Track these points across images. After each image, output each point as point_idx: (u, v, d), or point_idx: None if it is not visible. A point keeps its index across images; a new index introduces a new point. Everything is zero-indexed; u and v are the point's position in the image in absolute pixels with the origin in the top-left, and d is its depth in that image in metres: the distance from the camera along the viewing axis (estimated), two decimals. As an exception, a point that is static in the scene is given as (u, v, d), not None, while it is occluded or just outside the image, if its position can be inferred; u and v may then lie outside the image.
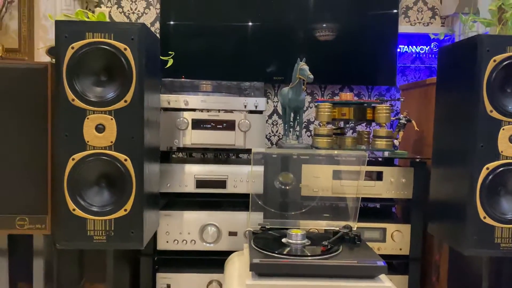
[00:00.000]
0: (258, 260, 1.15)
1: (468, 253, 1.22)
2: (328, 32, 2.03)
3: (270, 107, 2.13)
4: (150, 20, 2.08)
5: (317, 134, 1.61)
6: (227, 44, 2.04)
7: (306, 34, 2.04)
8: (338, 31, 2.03)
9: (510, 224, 1.20)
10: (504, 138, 1.19)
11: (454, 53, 1.33)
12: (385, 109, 1.57)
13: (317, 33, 2.03)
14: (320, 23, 2.03)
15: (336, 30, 2.03)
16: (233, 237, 1.56)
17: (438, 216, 1.40)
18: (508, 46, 1.18)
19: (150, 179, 1.28)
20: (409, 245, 1.57)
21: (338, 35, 2.03)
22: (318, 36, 2.03)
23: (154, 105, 1.35)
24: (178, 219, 1.53)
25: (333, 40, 2.03)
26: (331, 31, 2.03)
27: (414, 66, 2.11)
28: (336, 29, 2.03)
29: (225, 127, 1.56)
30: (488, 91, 1.18)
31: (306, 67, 1.56)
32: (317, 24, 2.03)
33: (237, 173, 1.56)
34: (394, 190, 1.57)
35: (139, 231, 1.19)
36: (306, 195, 1.57)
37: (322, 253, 1.20)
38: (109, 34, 1.15)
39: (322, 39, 2.03)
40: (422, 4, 2.10)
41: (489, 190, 1.20)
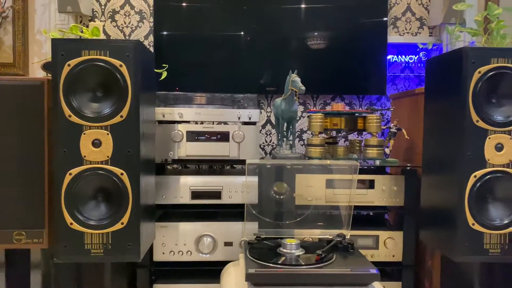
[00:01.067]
0: (254, 270, 1.17)
1: (459, 260, 1.25)
2: (319, 42, 2.07)
3: (264, 117, 2.16)
4: (144, 34, 2.11)
5: (310, 144, 1.64)
6: (220, 56, 2.07)
7: (298, 45, 2.08)
8: (329, 42, 2.07)
9: (498, 231, 1.23)
10: (491, 147, 1.23)
11: (440, 65, 1.37)
12: (375, 119, 1.61)
13: (309, 43, 2.07)
14: (311, 34, 2.07)
15: (327, 40, 2.07)
16: (229, 247, 1.58)
17: (429, 224, 1.43)
18: (492, 58, 1.22)
19: (146, 192, 1.30)
20: (402, 252, 1.60)
21: (329, 45, 2.07)
22: (310, 47, 2.07)
23: (150, 119, 1.37)
24: (174, 230, 1.55)
25: (324, 50, 2.07)
26: (322, 42, 2.07)
27: (404, 75, 2.15)
28: (327, 39, 2.07)
29: (220, 139, 1.58)
30: (474, 101, 1.22)
31: (298, 79, 1.60)
32: (308, 35, 2.07)
33: (232, 184, 1.58)
34: (386, 198, 1.60)
35: (136, 244, 1.20)
36: (300, 204, 1.60)
37: (316, 262, 1.23)
38: (104, 51, 1.17)
39: (314, 49, 2.07)
40: (410, 15, 2.15)
41: (477, 198, 1.23)
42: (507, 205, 1.25)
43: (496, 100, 1.25)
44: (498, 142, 1.23)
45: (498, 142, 1.23)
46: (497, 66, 1.22)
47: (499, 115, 1.24)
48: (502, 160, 1.23)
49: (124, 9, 2.10)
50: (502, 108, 1.24)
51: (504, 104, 1.25)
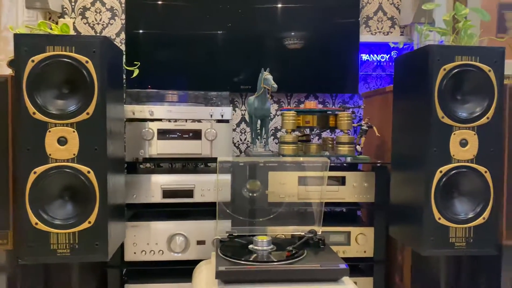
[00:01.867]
0: (224, 268, 1.17)
1: (425, 253, 1.27)
2: (293, 42, 2.08)
3: (238, 115, 2.15)
4: (115, 31, 2.08)
5: (283, 142, 1.65)
6: (194, 54, 2.05)
7: (273, 44, 2.08)
8: (303, 41, 2.08)
9: (463, 224, 1.26)
10: (455, 143, 1.26)
11: (408, 63, 1.40)
12: (346, 116, 1.63)
13: (283, 43, 2.08)
14: (286, 33, 2.08)
15: (301, 40, 2.08)
16: (202, 246, 1.57)
17: (398, 219, 1.46)
18: (457, 56, 1.25)
19: (114, 190, 1.28)
20: (373, 248, 1.62)
21: (303, 45, 2.08)
22: (284, 46, 2.08)
23: (118, 116, 1.35)
24: (145, 229, 1.53)
25: (298, 49, 2.08)
26: (296, 41, 2.08)
27: (376, 74, 2.18)
28: (301, 39, 2.08)
29: (192, 137, 1.57)
30: (440, 98, 1.24)
31: (270, 77, 1.60)
32: (283, 34, 2.08)
33: (204, 182, 1.57)
34: (357, 194, 1.62)
35: (104, 243, 1.18)
36: (273, 202, 1.60)
37: (286, 258, 1.23)
38: (70, 47, 1.15)
39: (287, 48, 2.08)
40: (382, 14, 2.18)
41: (443, 193, 1.26)
42: (472, 199, 1.28)
43: (461, 97, 1.28)
44: (462, 138, 1.26)
45: (463, 138, 1.26)
46: (461, 64, 1.25)
47: (463, 111, 1.27)
48: (467, 156, 1.26)
49: (95, 6, 2.06)
50: (467, 105, 1.28)
51: (468, 100, 1.28)
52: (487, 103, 1.26)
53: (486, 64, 1.25)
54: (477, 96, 1.27)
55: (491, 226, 1.28)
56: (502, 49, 1.27)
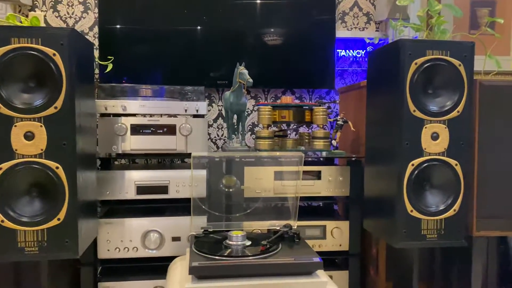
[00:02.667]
0: (197, 263, 1.16)
1: (398, 245, 1.29)
2: (270, 37, 2.08)
3: (215, 111, 2.14)
4: (89, 25, 2.03)
5: (259, 137, 1.64)
6: (170, 49, 2.03)
7: (249, 39, 2.07)
8: (280, 37, 2.08)
9: (435, 217, 1.28)
10: (427, 136, 1.28)
11: (380, 57, 1.41)
12: (322, 111, 1.63)
13: (260, 38, 2.07)
14: (263, 28, 2.07)
15: (278, 35, 2.08)
16: (177, 242, 1.55)
17: (372, 212, 1.47)
18: (428, 50, 1.27)
19: (85, 186, 1.26)
20: (348, 241, 1.63)
21: (280, 40, 2.08)
22: (261, 41, 2.07)
23: (88, 111, 1.32)
24: (119, 226, 1.51)
25: (275, 45, 2.08)
26: (273, 37, 2.08)
27: (352, 70, 2.19)
28: (278, 34, 2.08)
29: (166, 132, 1.55)
30: (411, 92, 1.26)
31: (245, 71, 1.59)
32: (260, 30, 2.07)
33: (179, 178, 1.55)
34: (333, 188, 1.63)
35: (74, 240, 1.16)
36: (249, 197, 1.60)
37: (261, 253, 1.23)
38: (36, 39, 1.11)
39: (264, 44, 2.07)
40: (358, 10, 2.20)
41: (415, 185, 1.28)
42: (443, 192, 1.30)
43: (432, 91, 1.30)
44: (434, 131, 1.28)
45: (434, 131, 1.28)
46: (432, 58, 1.26)
47: (434, 105, 1.28)
48: (438, 149, 1.28)
49: (67, -1, 2.01)
50: (438, 99, 1.29)
51: (439, 94, 1.30)
52: (457, 97, 1.28)
53: (456, 59, 1.27)
54: (448, 90, 1.29)
55: (461, 218, 1.30)
56: (472, 44, 1.29)
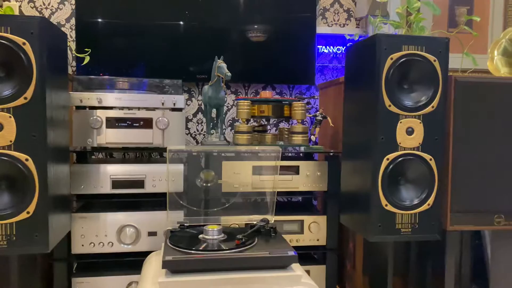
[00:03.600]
0: (171, 257, 1.14)
1: (373, 239, 1.30)
2: (251, 32, 2.07)
3: (195, 105, 2.12)
4: (65, 16, 1.99)
5: (237, 131, 1.64)
6: (150, 42, 2.00)
7: (230, 34, 2.06)
8: (261, 32, 2.07)
9: (409, 211, 1.30)
10: (402, 131, 1.28)
11: (357, 52, 1.41)
12: (300, 106, 1.63)
13: (241, 33, 2.06)
14: (244, 23, 2.06)
15: (259, 31, 2.07)
16: (153, 237, 1.53)
17: (348, 207, 1.48)
18: (404, 45, 1.28)
19: (57, 180, 1.23)
20: (325, 236, 1.64)
21: (260, 35, 2.07)
22: (242, 37, 2.06)
23: (61, 103, 1.29)
24: (94, 221, 1.48)
25: (256, 40, 2.07)
26: (254, 32, 2.07)
27: (332, 66, 2.20)
28: (259, 30, 2.07)
29: (142, 125, 1.53)
30: (387, 87, 1.26)
31: (224, 65, 1.58)
32: (241, 25, 2.06)
33: (155, 172, 1.54)
34: (311, 183, 1.63)
35: (44, 234, 1.13)
36: (227, 192, 1.59)
37: (236, 246, 1.22)
38: (5, 27, 1.08)
39: (245, 39, 2.06)
40: (338, 6, 2.20)
41: (390, 180, 1.29)
42: (417, 186, 1.31)
43: (408, 86, 1.31)
44: (409, 126, 1.29)
45: (409, 126, 1.29)
46: (408, 53, 1.27)
47: (409, 100, 1.29)
48: (413, 144, 1.29)
49: (43, -11, 1.97)
50: (413, 94, 1.30)
51: (414, 89, 1.31)
52: (432, 92, 1.29)
53: (432, 54, 1.28)
54: (423, 85, 1.30)
55: (435, 212, 1.31)
56: (447, 40, 1.30)
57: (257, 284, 1.15)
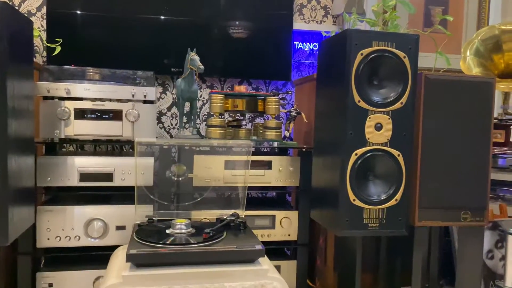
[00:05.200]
0: (135, 250, 1.13)
1: (341, 234, 1.30)
2: (228, 27, 2.05)
3: (169, 99, 2.10)
4: (36, 5, 1.94)
5: (210, 125, 1.62)
6: (124, 34, 1.97)
7: (207, 28, 2.04)
8: (238, 27, 2.06)
9: (376, 206, 1.30)
10: (371, 126, 1.29)
11: (329, 47, 1.41)
12: (274, 101, 1.63)
13: (217, 27, 2.04)
14: (221, 18, 2.04)
15: (235, 25, 2.06)
16: (121, 231, 1.51)
17: (318, 202, 1.48)
18: (374, 41, 1.28)
19: (19, 171, 1.20)
20: (297, 231, 1.64)
21: (237, 30, 2.06)
22: (218, 31, 2.04)
23: (25, 93, 1.25)
24: (60, 214, 1.45)
25: (232, 35, 2.06)
26: (231, 27, 2.06)
27: (308, 62, 2.20)
28: (235, 25, 2.05)
29: (112, 117, 1.50)
30: (356, 82, 1.27)
31: (196, 57, 1.57)
32: (218, 20, 2.04)
33: (124, 166, 1.51)
34: (283, 178, 1.63)
35: (3, 226, 1.10)
36: (198, 186, 1.58)
37: (203, 240, 1.21)
38: (-36, 12, 1.05)
39: (222, 33, 2.05)
40: (315, 3, 2.20)
41: (358, 175, 1.29)
42: (385, 181, 1.32)
43: (377, 82, 1.31)
44: (377, 122, 1.29)
45: (378, 122, 1.29)
46: (378, 49, 1.28)
47: (379, 96, 1.30)
48: (381, 139, 1.30)
49: (14, -24, 1.91)
50: (382, 90, 1.31)
51: (384, 86, 1.31)
52: (401, 88, 1.30)
53: (401, 51, 1.29)
54: (393, 82, 1.30)
55: (402, 207, 1.32)
56: (416, 36, 1.31)
57: (223, 278, 1.14)
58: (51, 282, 1.46)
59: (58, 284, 1.46)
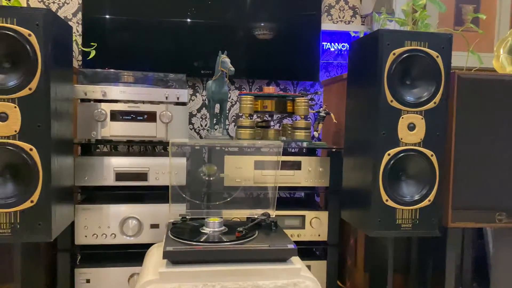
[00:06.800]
0: (172, 248, 1.16)
1: (373, 234, 1.30)
2: (256, 29, 2.07)
3: (199, 101, 2.13)
4: (72, 11, 2.01)
5: (240, 126, 1.64)
6: (155, 38, 2.01)
7: (235, 31, 2.07)
8: (266, 29, 2.07)
9: (409, 206, 1.30)
10: (404, 126, 1.29)
11: (360, 48, 1.42)
12: (303, 102, 1.64)
13: (246, 29, 2.06)
14: (249, 20, 2.06)
15: (264, 27, 2.08)
16: (155, 229, 1.55)
17: (349, 202, 1.48)
18: (406, 41, 1.28)
19: (60, 170, 1.25)
20: (327, 231, 1.64)
21: (265, 32, 2.08)
22: (247, 33, 2.06)
23: (65, 95, 1.31)
24: (97, 213, 1.50)
25: (261, 36, 2.08)
26: (259, 28, 2.08)
27: (337, 63, 2.20)
28: (264, 26, 2.07)
29: (146, 119, 1.54)
30: (389, 82, 1.26)
31: (227, 60, 1.59)
32: (246, 21, 2.06)
33: (158, 165, 1.55)
34: (312, 178, 1.63)
35: (47, 223, 1.15)
36: (229, 186, 1.60)
37: (236, 239, 1.23)
38: (11, 19, 1.10)
39: (250, 35, 2.07)
40: (344, 3, 2.20)
41: (391, 175, 1.29)
42: (418, 182, 1.31)
43: (410, 82, 1.31)
44: (410, 122, 1.29)
45: (411, 122, 1.29)
46: (410, 49, 1.27)
47: (411, 96, 1.29)
48: (414, 139, 1.29)
49: (51, -16, 1.99)
50: (415, 90, 1.30)
51: (416, 85, 1.31)
52: (434, 88, 1.29)
53: (434, 50, 1.28)
54: (425, 81, 1.30)
55: (436, 208, 1.31)
56: (450, 36, 1.30)
57: (256, 276, 1.16)
58: (89, 278, 1.51)
59: (95, 280, 1.51)
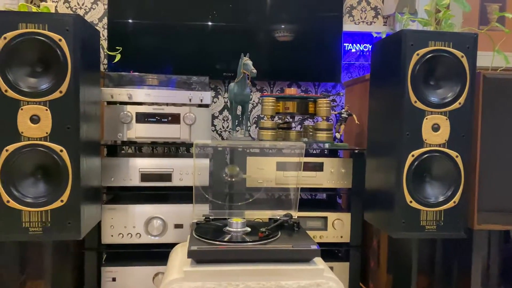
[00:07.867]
0: (196, 247, 1.18)
1: (397, 236, 1.29)
2: (277, 30, 2.09)
3: (221, 103, 2.16)
4: (98, 16, 2.07)
5: (262, 127, 1.66)
6: (178, 41, 2.05)
7: (256, 33, 2.09)
8: (287, 30, 2.09)
9: (434, 208, 1.28)
10: (428, 127, 1.27)
11: (383, 48, 1.41)
12: (325, 103, 1.64)
13: (267, 31, 2.08)
14: (270, 22, 2.08)
15: (285, 29, 2.09)
16: (179, 229, 1.58)
17: (372, 204, 1.47)
18: (430, 41, 1.27)
19: (88, 171, 1.29)
20: (349, 233, 1.64)
21: (286, 33, 2.09)
22: (268, 34, 2.08)
23: (93, 98, 1.35)
24: (122, 212, 1.54)
25: (282, 38, 2.09)
26: (280, 30, 2.09)
27: (358, 64, 2.19)
28: (285, 28, 2.09)
29: (170, 121, 1.57)
30: (412, 83, 1.26)
31: (249, 62, 1.61)
32: (267, 24, 2.08)
33: (182, 166, 1.58)
34: (335, 180, 1.63)
35: (76, 222, 1.19)
36: (251, 187, 1.61)
37: (259, 239, 1.24)
38: (43, 24, 1.14)
39: (271, 37, 2.08)
40: (366, 4, 2.19)
41: (415, 176, 1.28)
42: (442, 183, 1.30)
43: (434, 82, 1.29)
44: (434, 122, 1.27)
45: (435, 122, 1.27)
46: (434, 49, 1.26)
47: (436, 96, 1.28)
48: (438, 140, 1.28)
49: (78, -10, 2.05)
50: (439, 90, 1.29)
51: (441, 86, 1.29)
52: (459, 88, 1.27)
53: (459, 50, 1.27)
54: (450, 82, 1.28)
55: (461, 210, 1.29)
56: (475, 35, 1.28)
57: (279, 276, 1.17)
58: (115, 277, 1.54)
59: (121, 278, 1.55)
